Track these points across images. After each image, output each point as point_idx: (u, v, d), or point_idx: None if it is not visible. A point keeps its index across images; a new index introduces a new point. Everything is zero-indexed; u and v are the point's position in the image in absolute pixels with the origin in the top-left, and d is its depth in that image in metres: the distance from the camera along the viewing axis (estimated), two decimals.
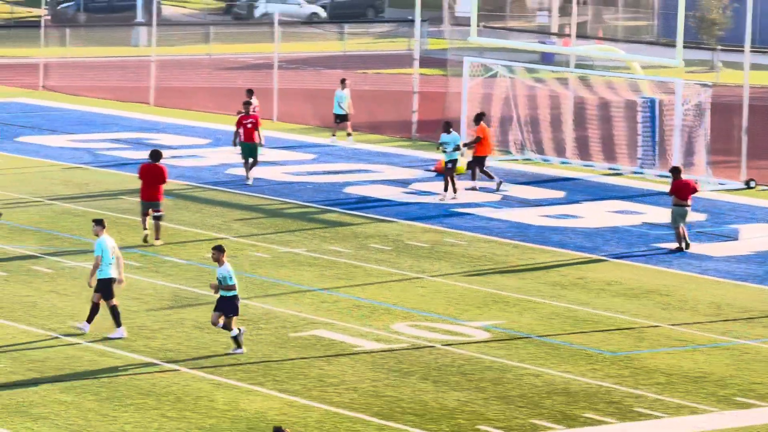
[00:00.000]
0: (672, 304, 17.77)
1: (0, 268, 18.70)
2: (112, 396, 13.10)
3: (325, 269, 19.64)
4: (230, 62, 49.12)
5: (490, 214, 24.47)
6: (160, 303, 16.86)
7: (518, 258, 21.24)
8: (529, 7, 57.50)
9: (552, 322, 16.65)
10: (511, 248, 21.86)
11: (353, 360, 14.71)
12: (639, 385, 13.69)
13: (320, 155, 30.70)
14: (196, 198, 24.86)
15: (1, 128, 34.04)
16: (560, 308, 17.62)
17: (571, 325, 16.64)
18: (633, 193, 26.22)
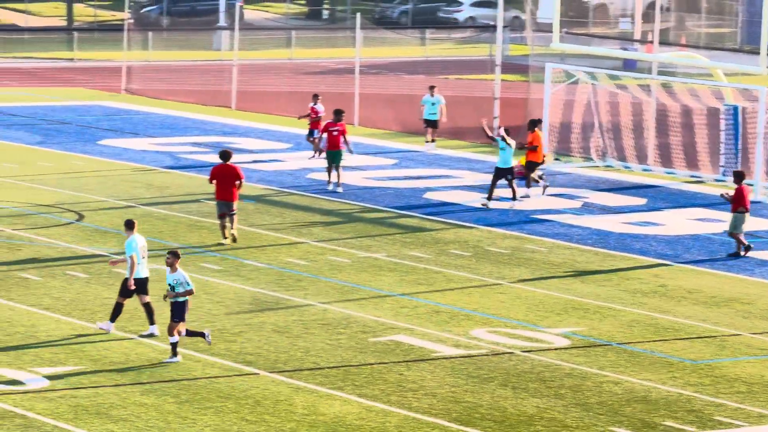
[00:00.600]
0: (753, 313, 17.53)
1: (82, 270, 18.98)
2: (192, 399, 13.19)
3: (404, 274, 19.69)
4: (312, 67, 49.55)
5: (570, 221, 24.48)
6: (240, 306, 17.00)
7: (599, 265, 21.16)
8: (611, 13, 56.74)
9: (632, 330, 16.54)
10: (592, 255, 21.78)
11: (432, 365, 14.70)
12: (720, 393, 13.51)
13: (401, 160, 30.83)
14: (277, 202, 25.09)
15: (83, 131, 34.64)
16: (641, 316, 17.49)
17: (652, 333, 16.52)
18: (715, 201, 25.80)
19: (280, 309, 16.93)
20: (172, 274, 14.31)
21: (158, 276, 15.85)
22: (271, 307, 17.22)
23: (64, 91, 42.07)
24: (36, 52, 52.59)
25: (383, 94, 40.14)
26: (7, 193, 24.95)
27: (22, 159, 28.94)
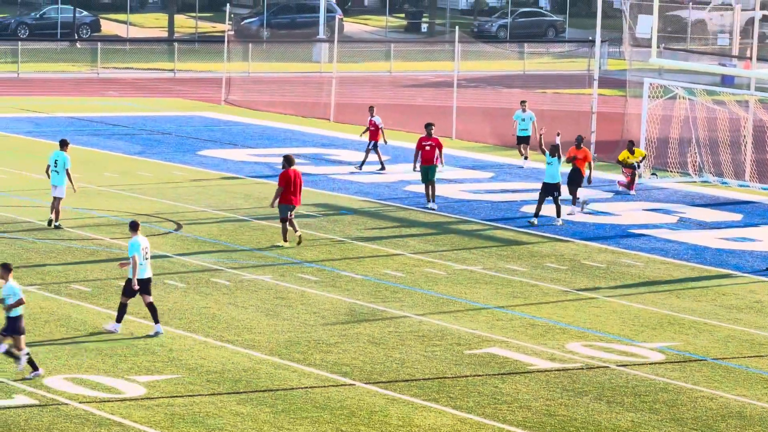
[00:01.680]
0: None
1: (180, 280, 19.28)
2: (288, 409, 13.34)
3: (500, 287, 19.83)
4: (410, 80, 49.92)
5: (667, 236, 24.53)
6: (337, 317, 17.26)
7: (694, 280, 21.29)
8: (710, 29, 55.85)
9: (728, 345, 16.50)
10: (688, 270, 21.79)
11: (527, 378, 14.82)
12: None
13: (498, 174, 31.04)
14: (374, 214, 25.45)
15: (182, 141, 35.30)
16: (736, 331, 17.43)
17: (747, 349, 16.45)
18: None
19: (376, 320, 17.19)
20: (2, 287, 13.66)
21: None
22: (367, 318, 17.48)
23: (165, 101, 42.92)
24: (137, 63, 53.28)
25: (481, 107, 40.36)
26: (108, 202, 25.55)
27: (122, 169, 29.57)
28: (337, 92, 38.69)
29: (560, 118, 36.13)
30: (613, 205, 26.60)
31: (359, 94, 43.16)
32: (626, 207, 26.91)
